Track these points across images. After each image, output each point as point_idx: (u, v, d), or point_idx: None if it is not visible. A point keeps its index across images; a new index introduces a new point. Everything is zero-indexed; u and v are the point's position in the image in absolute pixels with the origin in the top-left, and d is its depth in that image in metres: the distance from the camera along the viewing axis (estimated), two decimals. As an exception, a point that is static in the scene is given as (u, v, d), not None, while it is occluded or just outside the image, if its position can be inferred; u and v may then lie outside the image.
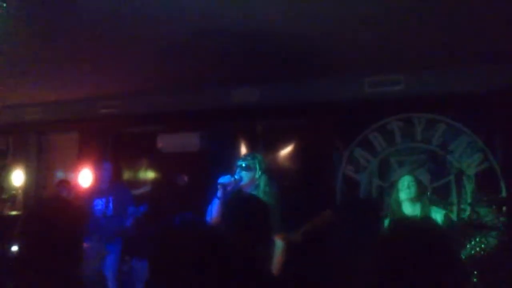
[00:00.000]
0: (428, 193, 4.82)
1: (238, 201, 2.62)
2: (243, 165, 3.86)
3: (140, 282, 6.21)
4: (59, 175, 7.61)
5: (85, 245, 1.95)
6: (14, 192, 7.65)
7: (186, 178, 6.69)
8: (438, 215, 4.05)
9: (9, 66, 5.41)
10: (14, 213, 7.10)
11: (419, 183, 4.16)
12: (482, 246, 4.34)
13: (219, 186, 3.65)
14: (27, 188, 7.86)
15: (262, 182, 3.84)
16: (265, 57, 4.96)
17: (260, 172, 3.88)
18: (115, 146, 7.50)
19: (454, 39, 4.30)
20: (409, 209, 4.07)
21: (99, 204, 5.58)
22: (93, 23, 4.08)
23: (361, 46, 4.56)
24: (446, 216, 4.16)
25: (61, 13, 3.88)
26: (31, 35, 4.43)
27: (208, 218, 3.67)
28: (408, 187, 4.05)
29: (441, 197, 5.15)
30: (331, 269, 4.81)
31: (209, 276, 1.36)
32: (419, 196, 4.07)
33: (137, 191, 6.66)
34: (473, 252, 4.33)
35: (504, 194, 4.98)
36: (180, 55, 4.92)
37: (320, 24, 4.02)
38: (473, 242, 4.39)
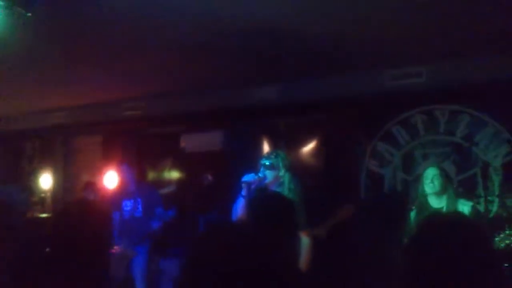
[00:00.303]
0: (454, 186, 4.77)
1: (264, 199, 2.64)
2: (267, 163, 3.86)
3: (168, 283, 6.28)
4: (85, 177, 7.73)
5: (113, 246, 1.99)
6: (43, 195, 7.82)
7: (210, 177, 6.75)
8: (465, 208, 4.00)
9: (34, 72, 5.53)
10: (43, 215, 7.26)
11: (444, 175, 4.12)
12: (512, 238, 4.29)
13: (243, 185, 3.67)
14: (55, 191, 8.03)
15: (286, 180, 3.85)
16: (285, 55, 4.96)
17: (284, 170, 3.88)
18: (139, 148, 7.60)
19: (476, 28, 4.22)
20: (435, 202, 4.03)
21: (127, 205, 5.63)
22: (115, 26, 4.14)
23: (380, 39, 4.52)
24: (473, 209, 4.11)
25: (85, 18, 3.96)
26: (55, 41, 4.52)
27: (233, 217, 3.70)
28: (433, 181, 4.02)
29: (467, 189, 5.09)
30: (356, 263, 4.80)
31: (239, 275, 1.38)
32: (445, 189, 4.03)
33: (161, 191, 6.73)
34: (502, 245, 4.27)
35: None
36: (201, 55, 4.96)
37: (339, 18, 4.00)
38: (502, 235, 4.33)
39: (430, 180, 4.02)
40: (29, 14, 3.35)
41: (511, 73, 4.86)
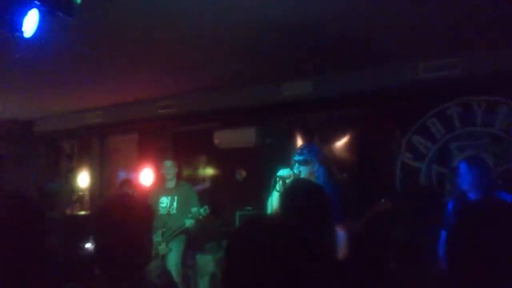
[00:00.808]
0: (493, 178, 4.66)
1: (298, 188, 2.63)
2: (301, 159, 3.82)
3: (204, 278, 6.36)
4: (122, 175, 7.89)
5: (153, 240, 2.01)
6: (81, 193, 8.02)
7: (244, 173, 6.79)
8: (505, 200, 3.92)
9: (72, 73, 5.68)
10: (82, 213, 7.45)
11: (480, 167, 4.02)
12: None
13: (278, 179, 3.66)
14: (92, 189, 8.22)
15: (321, 174, 3.82)
16: (317, 49, 4.96)
17: (318, 164, 3.85)
18: (174, 145, 7.71)
19: (510, 15, 4.12)
20: (472, 194, 3.95)
21: (163, 202, 5.72)
22: (151, 25, 4.23)
23: (415, 31, 4.46)
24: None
25: (121, 19, 4.05)
26: (92, 42, 4.63)
27: (268, 211, 3.71)
28: (467, 173, 3.94)
29: (507, 181, 4.97)
30: (394, 257, 4.77)
31: (280, 268, 1.40)
32: (482, 181, 3.95)
33: (196, 188, 6.81)
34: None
35: None
36: (234, 52, 5.01)
37: (370, 11, 3.98)
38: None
39: (465, 172, 3.94)
40: (70, 18, 3.44)
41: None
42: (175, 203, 5.68)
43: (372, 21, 4.22)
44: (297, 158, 3.85)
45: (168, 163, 5.81)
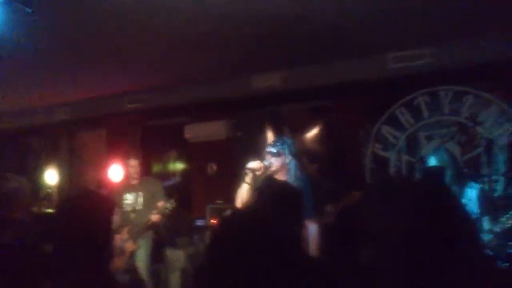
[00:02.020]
0: (460, 166, 4.74)
1: (270, 187, 2.63)
2: (273, 151, 3.82)
3: (175, 273, 6.32)
4: (91, 172, 7.75)
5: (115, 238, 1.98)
6: (49, 190, 7.86)
7: (215, 167, 6.76)
8: (473, 190, 4.01)
9: (38, 68, 5.55)
10: (50, 210, 7.30)
11: (448, 156, 4.10)
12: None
13: (247, 171, 3.66)
14: (61, 186, 8.07)
15: (293, 167, 3.82)
16: (287, 42, 4.94)
17: (290, 157, 3.85)
18: (143, 140, 7.62)
19: (478, 7, 4.18)
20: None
21: (127, 198, 5.64)
22: (117, 19, 4.14)
23: (383, 21, 4.48)
24: (481, 191, 4.10)
25: (86, 12, 3.96)
26: (57, 36, 4.52)
27: (237, 203, 3.69)
28: (438, 162, 4.00)
29: (473, 169, 5.07)
30: (365, 248, 4.80)
31: (251, 264, 1.41)
32: (450, 170, 4.02)
33: (167, 183, 6.74)
34: (508, 225, 4.24)
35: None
36: (203, 45, 4.95)
37: (339, 3, 3.98)
38: (508, 214, 4.31)
39: (435, 161, 4.00)
40: (31, 10, 3.35)
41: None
42: (140, 199, 5.61)
43: (341, 13, 4.21)
44: (269, 149, 3.85)
45: (133, 162, 5.72)
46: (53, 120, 8.05)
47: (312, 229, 3.67)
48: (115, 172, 6.42)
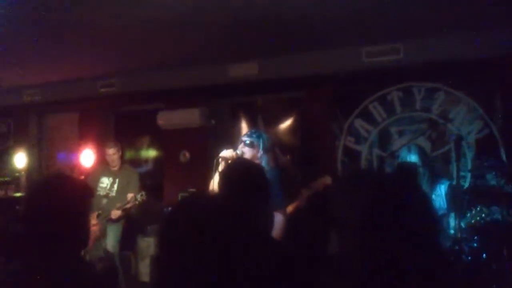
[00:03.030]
0: (429, 162, 4.83)
1: (238, 167, 2.62)
2: (247, 141, 3.82)
3: (144, 259, 6.29)
4: (61, 156, 7.62)
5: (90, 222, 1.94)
6: (17, 174, 7.70)
7: (188, 155, 6.72)
8: (442, 186, 4.08)
9: (6, 48, 5.39)
10: (18, 194, 7.16)
11: (418, 152, 4.18)
12: (483, 215, 4.36)
13: (220, 160, 3.65)
14: (30, 170, 7.91)
15: (264, 161, 3.83)
16: (262, 31, 4.92)
17: (262, 151, 3.86)
18: (116, 125, 7.52)
19: (452, 4, 4.23)
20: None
21: (103, 183, 5.59)
22: (90, 1, 4.05)
23: (357, 15, 4.50)
24: (450, 187, 4.18)
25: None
26: (28, 16, 4.41)
27: (209, 192, 3.68)
28: (408, 157, 4.07)
29: (441, 164, 5.17)
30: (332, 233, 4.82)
31: (213, 247, 1.39)
32: (420, 165, 4.09)
33: (139, 169, 6.68)
34: (473, 221, 4.34)
35: (504, 160, 4.99)
36: (177, 31, 4.89)
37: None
38: (473, 211, 4.41)
39: (406, 156, 4.07)
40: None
41: (487, 50, 4.90)
42: (115, 186, 5.55)
43: (315, 4, 4.22)
44: (244, 139, 3.85)
45: (111, 150, 5.63)
46: (22, 101, 7.85)
47: (278, 220, 3.66)
48: (87, 157, 6.36)
